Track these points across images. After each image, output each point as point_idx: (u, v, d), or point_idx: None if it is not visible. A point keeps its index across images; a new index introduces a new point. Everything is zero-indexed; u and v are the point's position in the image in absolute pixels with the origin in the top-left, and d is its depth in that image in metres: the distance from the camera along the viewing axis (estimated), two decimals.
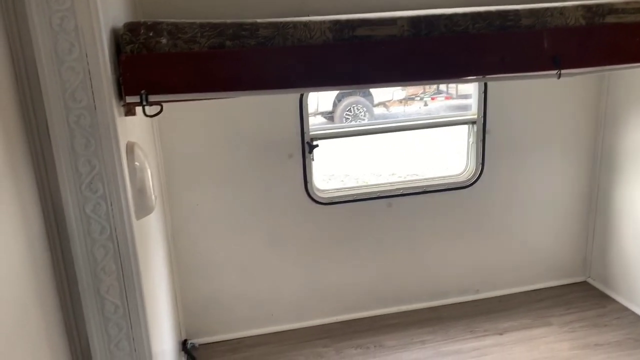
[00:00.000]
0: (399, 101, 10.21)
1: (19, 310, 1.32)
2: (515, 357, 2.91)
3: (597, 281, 3.63)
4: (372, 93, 9.64)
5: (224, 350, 3.13)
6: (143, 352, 1.70)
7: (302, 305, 3.32)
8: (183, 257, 3.08)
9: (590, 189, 3.55)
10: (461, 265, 3.49)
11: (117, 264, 1.62)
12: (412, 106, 10.22)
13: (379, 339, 3.15)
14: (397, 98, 10.18)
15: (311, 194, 3.15)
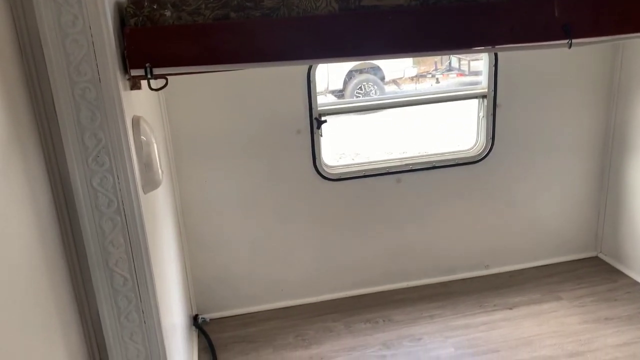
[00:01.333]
0: (411, 78, 10.10)
1: (28, 281, 1.33)
2: (524, 331, 2.92)
3: (608, 256, 3.60)
4: (383, 70, 9.54)
5: (235, 325, 3.17)
6: (152, 323, 1.72)
7: (311, 281, 3.34)
8: (193, 233, 3.10)
9: (602, 164, 3.51)
10: (471, 241, 3.48)
11: (125, 237, 1.63)
12: (424, 84, 10.11)
13: (388, 313, 3.16)
14: (409, 75, 10.07)
15: (320, 170, 3.15)
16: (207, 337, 3.02)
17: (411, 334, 2.96)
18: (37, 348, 1.32)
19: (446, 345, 2.84)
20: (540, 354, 2.72)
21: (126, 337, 1.72)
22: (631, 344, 2.75)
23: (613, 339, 2.80)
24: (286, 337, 3.01)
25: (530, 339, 2.84)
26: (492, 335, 2.90)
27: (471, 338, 2.89)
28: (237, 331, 3.10)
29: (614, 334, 2.85)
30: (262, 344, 2.96)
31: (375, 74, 9.35)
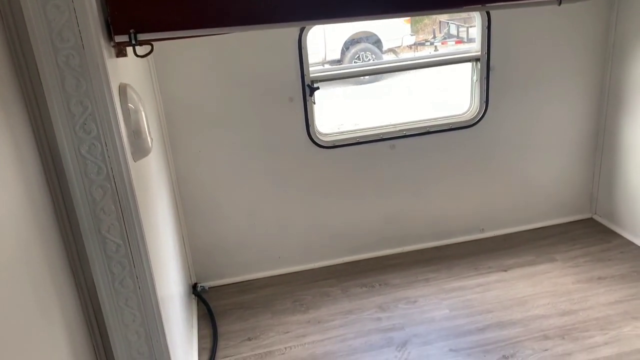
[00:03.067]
0: (409, 47, 9.99)
1: (21, 249, 1.35)
2: (518, 291, 2.96)
3: (602, 217, 3.63)
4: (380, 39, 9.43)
5: (233, 292, 3.21)
6: (147, 289, 1.74)
7: (308, 248, 3.38)
8: (189, 203, 3.12)
9: (597, 125, 3.50)
10: (466, 205, 3.50)
11: (115, 204, 1.64)
12: (423, 52, 10.01)
13: (383, 277, 3.20)
14: (407, 44, 9.96)
15: (313, 138, 3.15)
16: (206, 305, 3.07)
17: (407, 296, 3.00)
18: (32, 315, 1.34)
19: (441, 307, 2.88)
20: (533, 313, 2.76)
21: (121, 303, 1.74)
22: (623, 302, 2.79)
23: (605, 297, 2.84)
24: (284, 302, 3.06)
25: (523, 299, 2.88)
26: (487, 296, 2.94)
27: (466, 299, 2.93)
28: (236, 298, 3.15)
29: (606, 292, 2.88)
30: (261, 309, 3.01)
31: (374, 43, 9.25)
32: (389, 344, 2.63)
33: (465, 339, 2.62)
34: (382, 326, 2.77)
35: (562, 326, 2.65)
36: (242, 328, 2.86)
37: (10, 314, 1.21)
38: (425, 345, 2.60)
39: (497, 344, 2.57)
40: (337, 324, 2.83)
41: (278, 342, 2.72)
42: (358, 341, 2.67)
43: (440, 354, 2.53)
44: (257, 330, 2.83)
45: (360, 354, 2.58)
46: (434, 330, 2.70)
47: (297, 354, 2.62)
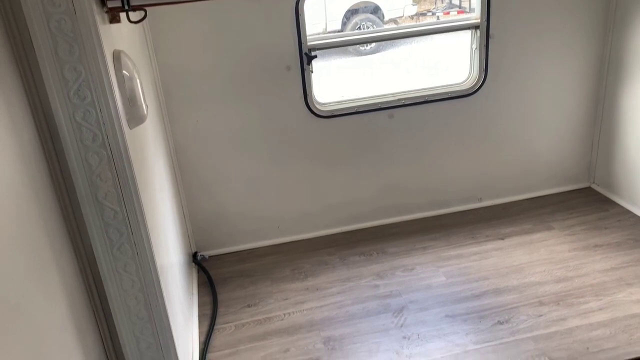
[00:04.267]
0: (410, 17, 9.85)
1: (18, 215, 1.36)
2: (514, 259, 2.99)
3: (600, 186, 3.64)
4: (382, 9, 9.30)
5: (233, 261, 3.25)
6: (145, 255, 1.77)
7: (307, 217, 3.40)
8: (188, 173, 3.13)
9: (597, 95, 3.47)
10: (464, 175, 3.51)
11: (112, 171, 1.65)
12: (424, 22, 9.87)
13: (382, 246, 3.23)
14: (408, 14, 9.82)
15: (312, 108, 3.14)
16: (206, 273, 3.11)
17: (404, 264, 3.03)
18: (32, 281, 1.36)
19: (438, 274, 2.91)
20: (529, 280, 2.80)
21: (120, 269, 1.77)
22: (618, 269, 2.82)
23: (601, 265, 2.87)
24: (283, 270, 3.09)
25: (520, 267, 2.91)
26: (483, 264, 2.97)
27: (462, 267, 2.96)
28: (236, 266, 3.18)
29: (602, 259, 2.91)
30: (260, 277, 3.05)
31: (375, 13, 9.12)
32: (386, 310, 2.67)
33: (461, 305, 2.65)
34: (380, 293, 2.80)
35: (557, 292, 2.68)
36: (241, 295, 2.90)
37: (9, 280, 1.23)
38: (422, 311, 2.64)
39: (493, 310, 2.60)
40: (335, 291, 2.86)
41: (277, 308, 2.76)
42: (355, 307, 2.71)
43: (436, 319, 2.57)
44: (256, 297, 2.87)
45: (357, 319, 2.62)
46: (431, 296, 2.74)
47: (295, 320, 2.66)
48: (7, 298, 1.20)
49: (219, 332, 2.63)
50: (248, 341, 2.55)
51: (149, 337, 1.89)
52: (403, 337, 2.48)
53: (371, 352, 2.40)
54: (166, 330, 1.89)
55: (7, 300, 1.20)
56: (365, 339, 2.49)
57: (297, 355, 2.43)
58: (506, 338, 2.42)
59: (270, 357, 2.43)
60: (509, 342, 2.39)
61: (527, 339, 2.40)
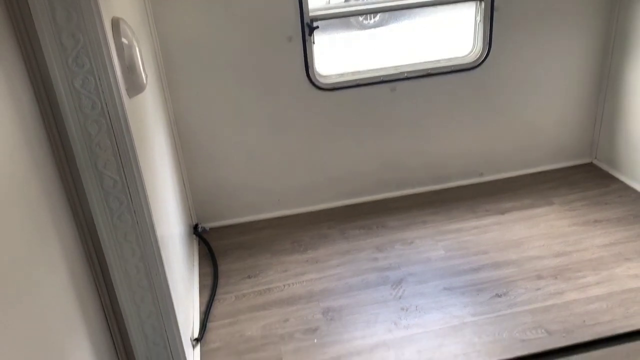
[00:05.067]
0: None
1: (17, 183, 1.36)
2: (514, 234, 3.00)
3: (602, 162, 3.63)
4: None
5: (233, 233, 3.26)
6: (145, 224, 1.77)
7: (307, 191, 3.40)
8: (188, 145, 3.12)
9: (601, 70, 3.44)
10: (466, 149, 3.50)
11: (111, 139, 1.64)
12: None
13: (381, 220, 3.24)
14: None
15: (313, 80, 3.11)
16: (207, 244, 3.13)
17: (403, 238, 3.04)
18: (32, 249, 1.37)
19: (437, 248, 2.93)
20: (528, 254, 2.81)
21: (120, 237, 1.78)
22: (617, 244, 2.83)
23: (600, 240, 2.88)
24: (283, 243, 3.11)
25: (519, 241, 2.92)
26: (483, 238, 2.98)
27: (462, 241, 2.97)
28: (236, 239, 3.20)
29: (601, 235, 2.92)
30: (260, 249, 3.06)
31: None
32: (385, 282, 2.69)
33: (459, 278, 2.67)
34: (379, 265, 2.82)
35: (555, 267, 2.70)
36: (242, 267, 2.92)
37: (10, 248, 1.23)
38: (420, 284, 2.66)
39: (491, 283, 2.62)
40: (334, 263, 2.88)
41: (277, 279, 2.79)
42: (354, 279, 2.73)
43: (435, 292, 2.60)
44: (256, 269, 2.89)
45: (356, 291, 2.65)
46: (429, 269, 2.76)
47: (295, 291, 2.69)
48: (7, 265, 1.21)
49: (219, 302, 2.66)
50: (248, 311, 2.57)
51: (150, 306, 1.91)
52: (401, 308, 2.51)
53: (369, 323, 2.43)
54: (167, 299, 1.91)
55: (8, 267, 1.21)
56: (364, 310, 2.52)
57: (296, 325, 2.46)
58: (503, 310, 2.44)
59: (270, 326, 2.46)
60: (506, 315, 2.41)
61: (525, 311, 2.42)
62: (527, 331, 2.31)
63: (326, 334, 2.39)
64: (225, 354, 2.32)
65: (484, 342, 2.27)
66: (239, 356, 2.30)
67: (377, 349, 2.28)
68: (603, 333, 2.27)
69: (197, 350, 2.33)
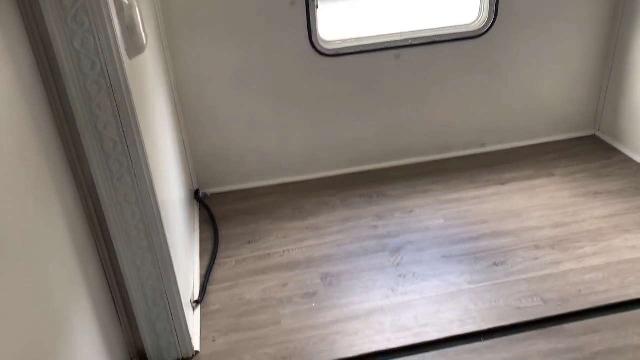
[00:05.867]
0: None
1: (17, 144, 1.35)
2: (514, 204, 3.00)
3: (605, 134, 3.61)
4: None
5: (234, 199, 3.28)
6: (145, 186, 1.78)
7: (308, 158, 3.40)
8: (189, 109, 3.11)
9: (609, 41, 3.39)
10: (468, 119, 3.48)
11: (111, 101, 1.64)
12: None
13: (382, 189, 3.25)
14: None
15: (315, 45, 3.07)
16: (208, 210, 3.14)
17: (403, 206, 3.05)
18: (33, 209, 1.38)
19: (437, 217, 2.94)
20: (527, 224, 2.82)
21: (120, 199, 1.79)
22: (617, 216, 2.83)
23: (600, 211, 2.88)
24: (284, 210, 3.12)
25: (518, 212, 2.93)
26: (482, 208, 2.99)
27: (461, 211, 2.98)
28: (237, 205, 3.22)
29: (601, 206, 2.92)
30: (261, 216, 3.08)
31: None
32: (384, 249, 2.71)
33: (458, 247, 2.69)
34: (378, 233, 2.84)
35: (553, 237, 2.71)
36: (242, 232, 2.94)
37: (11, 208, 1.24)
38: (419, 252, 2.68)
39: (489, 252, 2.64)
40: (334, 230, 2.90)
41: (277, 245, 2.81)
42: (354, 246, 2.76)
43: (433, 259, 2.62)
44: (257, 234, 2.92)
45: (355, 257, 2.67)
46: (428, 238, 2.78)
47: (295, 257, 2.71)
48: (8, 225, 1.22)
49: (219, 266, 2.69)
50: (248, 275, 2.60)
51: (150, 267, 1.93)
52: (399, 275, 2.53)
53: (367, 289, 2.46)
54: (167, 261, 1.94)
55: (9, 227, 1.22)
56: (362, 276, 2.54)
57: (295, 290, 2.49)
58: (500, 279, 2.47)
59: (270, 290, 2.50)
60: (503, 283, 2.44)
61: (521, 280, 2.45)
62: (522, 299, 2.34)
63: (324, 299, 2.42)
64: (225, 316, 2.35)
65: (479, 309, 2.30)
66: (238, 318, 2.34)
67: (374, 313, 2.31)
68: (598, 302, 2.29)
69: (197, 312, 2.36)
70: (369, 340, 2.19)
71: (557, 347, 2.11)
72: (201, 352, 2.18)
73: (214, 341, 2.23)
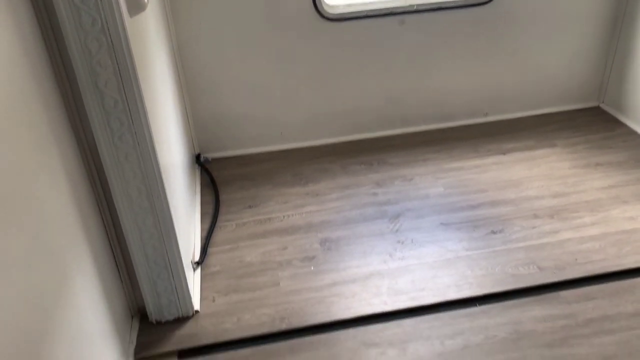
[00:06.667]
0: None
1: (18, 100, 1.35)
2: (514, 174, 3.01)
3: (609, 106, 3.58)
4: None
5: (235, 164, 3.28)
6: (146, 146, 1.79)
7: (310, 125, 3.39)
8: (191, 73, 3.09)
9: (617, 11, 3.33)
10: (472, 88, 3.45)
11: (112, 58, 1.63)
12: None
13: (383, 157, 3.25)
14: None
15: (320, 9, 3.03)
16: (209, 174, 3.15)
17: (404, 174, 3.06)
18: (35, 166, 1.39)
19: (436, 185, 2.95)
20: (526, 194, 2.83)
21: (121, 158, 1.80)
22: (616, 187, 2.84)
23: (600, 182, 2.89)
24: (284, 176, 3.13)
25: (518, 181, 2.94)
26: (482, 177, 3.00)
27: (461, 179, 2.99)
28: (238, 170, 3.23)
29: (601, 177, 2.93)
30: (262, 181, 3.09)
31: None
32: (383, 216, 2.73)
33: (457, 215, 2.71)
34: (377, 200, 2.86)
35: (552, 207, 2.72)
36: (243, 197, 2.96)
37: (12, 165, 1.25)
38: (417, 219, 2.70)
39: (487, 220, 2.66)
40: (334, 197, 2.92)
41: (277, 210, 2.83)
42: (353, 212, 2.77)
43: (431, 226, 2.64)
44: (257, 199, 2.93)
45: (354, 223, 2.69)
46: (427, 205, 2.79)
47: (294, 222, 2.73)
48: (10, 182, 1.23)
49: (220, 229, 2.71)
50: (248, 238, 2.63)
51: (151, 227, 1.95)
52: (397, 241, 2.56)
53: (365, 253, 2.49)
54: (168, 222, 1.96)
55: (10, 184, 1.23)
56: (361, 241, 2.57)
57: (294, 254, 2.52)
58: (498, 247, 2.49)
59: (269, 253, 2.52)
60: (500, 251, 2.46)
61: (519, 248, 2.47)
62: (519, 267, 2.36)
63: (323, 262, 2.45)
64: (225, 277, 2.39)
65: (476, 275, 2.33)
66: (238, 280, 2.37)
67: (371, 277, 2.35)
68: (594, 271, 2.32)
69: (197, 272, 2.40)
70: (366, 303, 2.22)
71: (551, 313, 2.14)
72: (201, 311, 2.22)
73: (213, 301, 2.27)
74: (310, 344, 2.07)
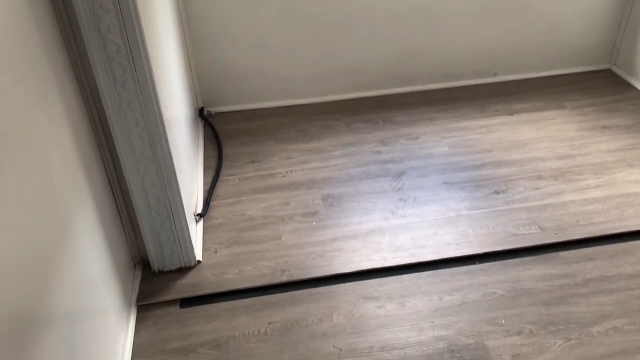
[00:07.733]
0: None
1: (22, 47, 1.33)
2: (520, 134, 2.98)
3: (620, 69, 3.52)
4: None
5: (238, 119, 3.26)
6: (148, 94, 1.77)
7: (315, 82, 3.35)
8: (195, 25, 3.03)
9: None
10: (481, 47, 3.38)
11: (114, 3, 1.60)
12: None
13: (388, 115, 3.22)
14: None
15: None
16: (212, 128, 3.14)
17: (409, 133, 3.04)
18: (37, 109, 1.37)
19: (441, 144, 2.93)
20: (531, 155, 2.81)
21: (124, 105, 1.78)
22: (623, 150, 2.81)
23: (606, 145, 2.86)
24: (288, 131, 3.12)
25: (524, 142, 2.92)
26: (488, 137, 2.97)
27: (467, 139, 2.96)
28: (241, 125, 3.21)
29: (608, 140, 2.90)
30: (265, 136, 3.08)
31: None
32: (386, 174, 2.73)
33: (460, 174, 2.70)
34: (381, 158, 2.84)
35: (557, 168, 2.71)
36: (246, 152, 2.95)
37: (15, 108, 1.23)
38: (420, 177, 2.69)
39: (491, 180, 2.65)
40: (337, 154, 2.90)
41: (280, 166, 2.83)
42: (356, 170, 2.77)
43: (434, 185, 2.63)
44: (260, 154, 2.92)
45: (357, 181, 2.69)
46: (431, 164, 2.78)
47: (297, 178, 2.73)
48: (13, 125, 1.22)
49: (223, 183, 2.72)
50: (250, 193, 2.64)
51: (153, 176, 1.95)
52: (399, 199, 2.56)
53: (367, 210, 2.49)
54: (170, 171, 1.95)
55: (13, 127, 1.22)
56: (363, 198, 2.57)
57: (296, 209, 2.52)
58: (500, 207, 2.49)
59: (271, 208, 2.53)
60: (502, 211, 2.46)
61: (521, 208, 2.47)
62: (520, 227, 2.37)
63: (324, 218, 2.46)
64: (227, 230, 2.40)
65: (477, 233, 2.34)
66: (240, 232, 2.39)
67: (372, 233, 2.36)
68: (595, 232, 2.32)
69: (200, 224, 2.41)
70: (366, 258, 2.24)
71: (550, 272, 2.16)
72: (203, 262, 2.24)
73: (215, 252, 2.29)
74: (309, 296, 2.10)
